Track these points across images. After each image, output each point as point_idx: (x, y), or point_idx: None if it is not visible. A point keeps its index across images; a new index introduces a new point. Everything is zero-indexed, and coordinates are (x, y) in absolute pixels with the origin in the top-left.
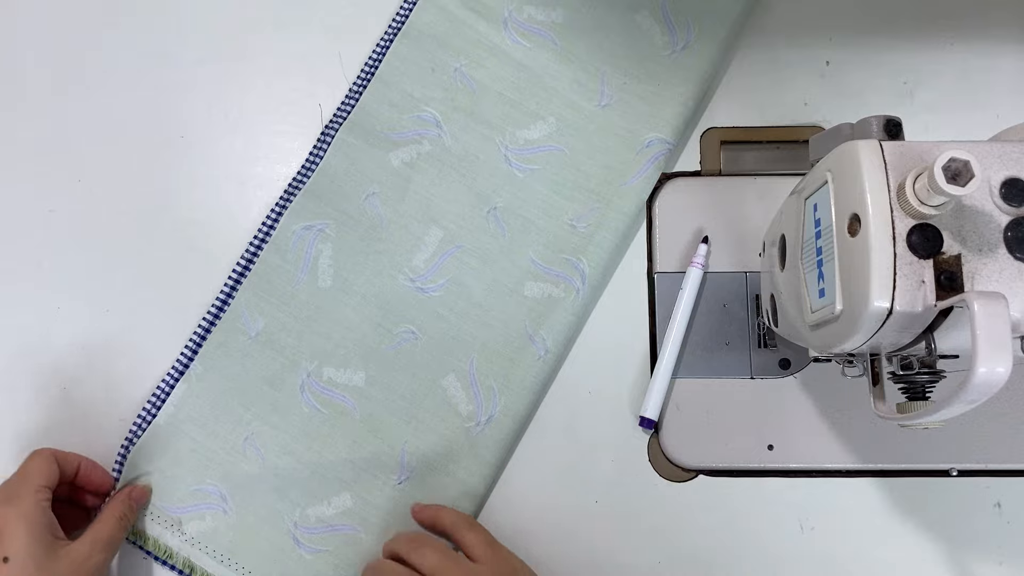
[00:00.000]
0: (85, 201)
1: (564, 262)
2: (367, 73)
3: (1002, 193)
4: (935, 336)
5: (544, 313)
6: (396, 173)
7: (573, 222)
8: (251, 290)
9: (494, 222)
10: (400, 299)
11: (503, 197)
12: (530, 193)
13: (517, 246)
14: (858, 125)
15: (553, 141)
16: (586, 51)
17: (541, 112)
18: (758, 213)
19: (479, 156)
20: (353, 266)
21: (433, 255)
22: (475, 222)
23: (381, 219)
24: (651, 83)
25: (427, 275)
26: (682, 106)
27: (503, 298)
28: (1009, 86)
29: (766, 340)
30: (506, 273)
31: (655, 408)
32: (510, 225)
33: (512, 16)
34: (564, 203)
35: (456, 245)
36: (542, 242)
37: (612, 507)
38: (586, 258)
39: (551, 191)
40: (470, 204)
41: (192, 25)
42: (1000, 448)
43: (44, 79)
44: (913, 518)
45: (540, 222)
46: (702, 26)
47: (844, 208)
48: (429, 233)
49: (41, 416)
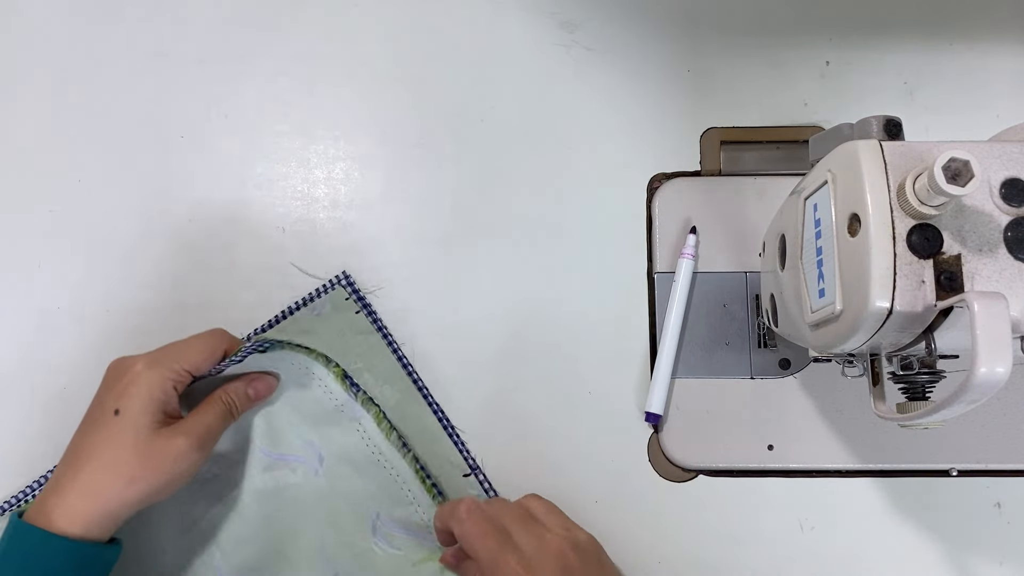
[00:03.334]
0: (85, 201)
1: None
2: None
3: (1002, 193)
4: (935, 336)
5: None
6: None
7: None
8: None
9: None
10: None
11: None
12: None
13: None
14: (858, 125)
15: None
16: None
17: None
18: (758, 213)
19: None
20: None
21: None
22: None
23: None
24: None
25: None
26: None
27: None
28: (1009, 86)
29: (766, 340)
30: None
31: (659, 403)
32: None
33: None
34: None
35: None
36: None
37: (612, 507)
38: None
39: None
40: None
41: (192, 25)
42: (1000, 448)
43: (44, 79)
44: (913, 518)
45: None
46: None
47: (844, 208)
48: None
49: (41, 416)
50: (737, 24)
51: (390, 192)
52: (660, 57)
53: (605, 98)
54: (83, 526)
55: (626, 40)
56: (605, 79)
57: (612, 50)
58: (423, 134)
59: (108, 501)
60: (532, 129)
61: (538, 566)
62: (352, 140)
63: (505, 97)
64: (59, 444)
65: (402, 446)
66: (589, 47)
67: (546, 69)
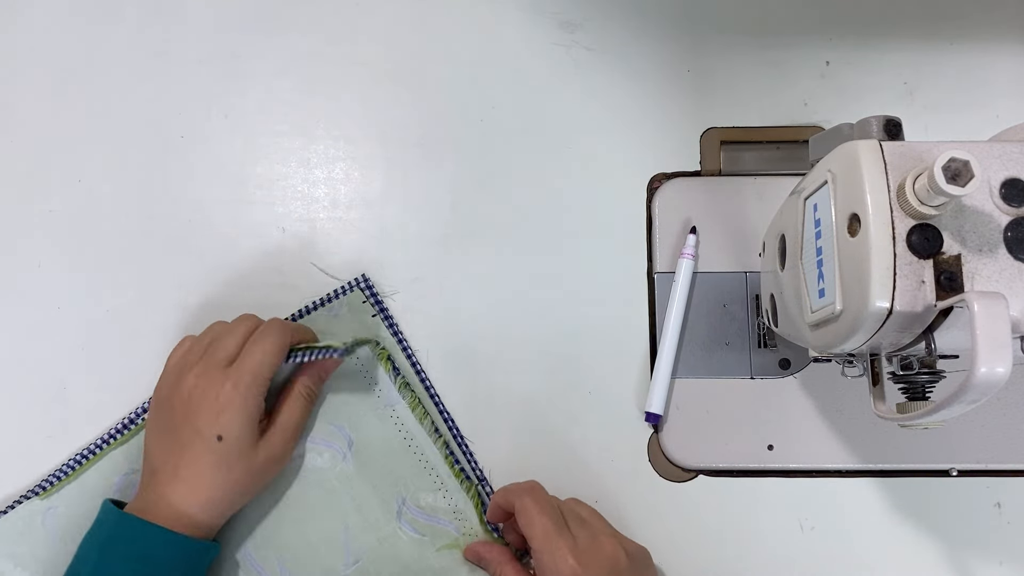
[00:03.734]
0: (85, 201)
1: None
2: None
3: (1002, 193)
4: (935, 336)
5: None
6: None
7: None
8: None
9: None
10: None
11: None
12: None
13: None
14: (858, 125)
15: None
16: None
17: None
18: (758, 213)
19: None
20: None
21: None
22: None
23: None
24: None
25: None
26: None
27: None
28: (1009, 86)
29: (766, 340)
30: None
31: (659, 403)
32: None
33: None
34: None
35: None
36: None
37: (612, 507)
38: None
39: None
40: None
41: (192, 25)
42: (1000, 448)
43: (44, 79)
44: (913, 518)
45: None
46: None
47: (844, 208)
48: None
49: (41, 416)
50: (737, 24)
51: (390, 192)
52: (660, 57)
53: (605, 98)
54: (193, 528)
55: (626, 40)
56: (605, 79)
57: (612, 50)
58: (423, 134)
59: (223, 513)
60: (532, 129)
61: (590, 561)
62: (352, 140)
63: (505, 97)
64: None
65: (434, 431)
66: (589, 47)
67: (546, 69)
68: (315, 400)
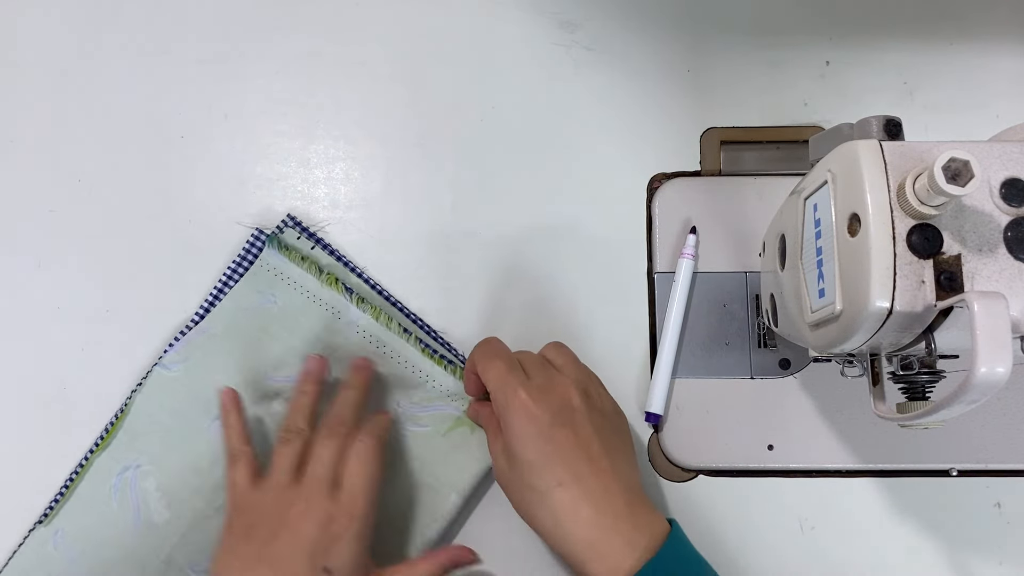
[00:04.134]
0: (85, 201)
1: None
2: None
3: (1002, 193)
4: (935, 336)
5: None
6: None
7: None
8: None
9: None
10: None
11: None
12: None
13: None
14: (858, 125)
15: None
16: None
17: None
18: (758, 213)
19: None
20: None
21: None
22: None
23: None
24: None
25: None
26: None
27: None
28: (1009, 86)
29: (766, 340)
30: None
31: (659, 403)
32: None
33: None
34: None
35: None
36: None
37: None
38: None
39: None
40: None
41: (192, 25)
42: (1000, 448)
43: (44, 79)
44: (913, 518)
45: None
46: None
47: (844, 208)
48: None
49: (40, 416)
50: (737, 24)
51: (390, 192)
52: (660, 57)
53: (605, 98)
54: None
55: (626, 40)
56: (605, 79)
57: (612, 50)
58: (423, 134)
59: None
60: (532, 129)
61: (540, 397)
62: (352, 140)
63: (505, 97)
64: (58, 444)
65: (403, 331)
66: (589, 47)
67: (546, 69)
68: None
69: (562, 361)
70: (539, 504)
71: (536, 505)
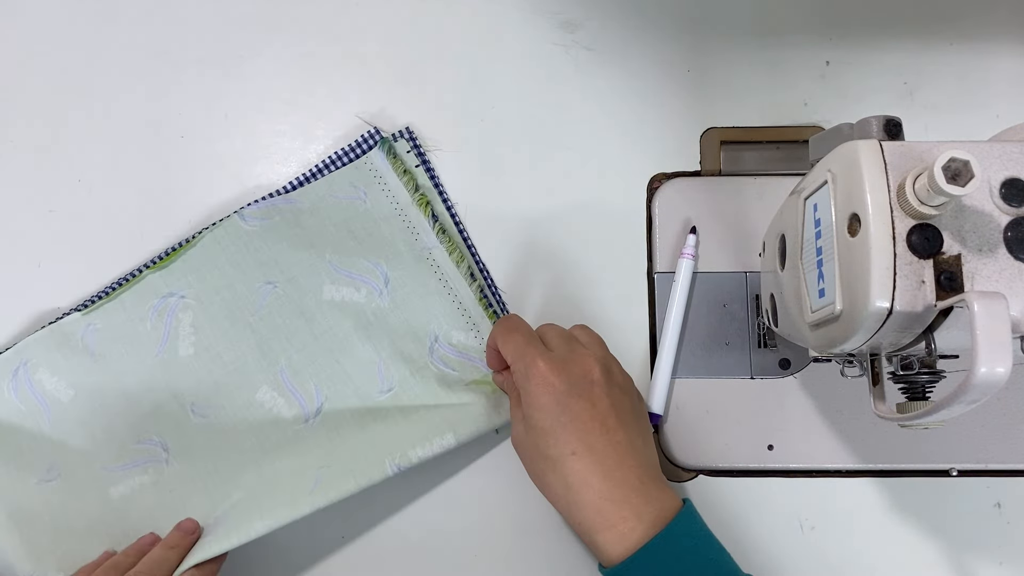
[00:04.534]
0: (85, 201)
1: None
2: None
3: (1002, 193)
4: (935, 336)
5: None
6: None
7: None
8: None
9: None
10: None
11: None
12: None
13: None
14: (858, 125)
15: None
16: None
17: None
18: (758, 213)
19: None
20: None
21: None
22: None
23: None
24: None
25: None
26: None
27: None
28: (1009, 86)
29: (766, 340)
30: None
31: (660, 403)
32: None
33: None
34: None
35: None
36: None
37: None
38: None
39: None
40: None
41: (192, 25)
42: (1000, 448)
43: (44, 79)
44: (913, 518)
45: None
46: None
47: (844, 208)
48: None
49: None
50: (737, 24)
51: None
52: (660, 57)
53: (605, 98)
54: None
55: (626, 40)
56: (605, 79)
57: (612, 50)
58: (423, 135)
59: None
60: (532, 129)
61: (561, 369)
62: (352, 140)
63: (505, 97)
64: None
65: (469, 276)
66: (589, 47)
67: (546, 69)
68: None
69: (588, 339)
70: (552, 472)
71: (549, 473)
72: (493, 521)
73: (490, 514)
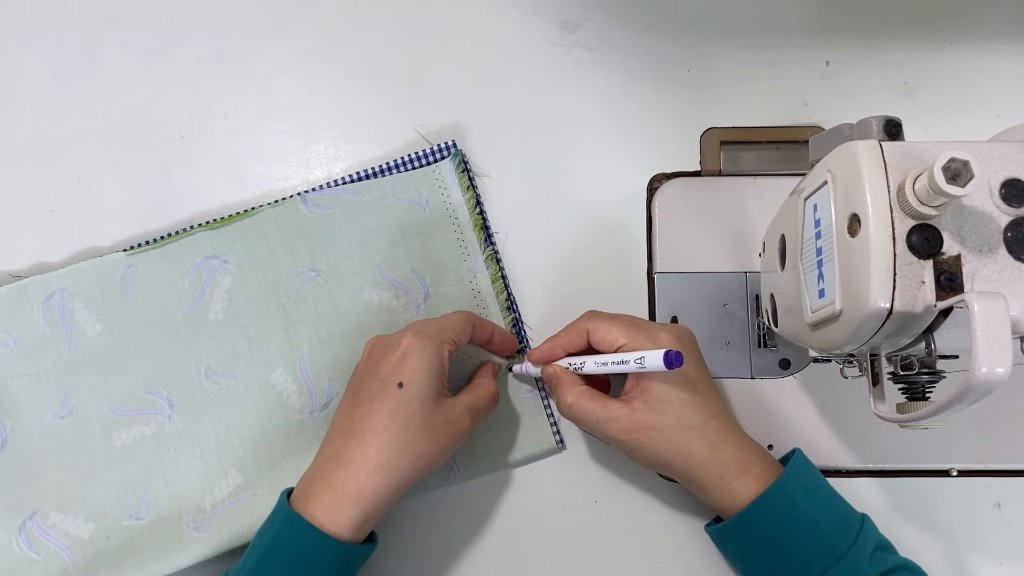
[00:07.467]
0: (85, 201)
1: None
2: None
3: (1002, 193)
4: (935, 336)
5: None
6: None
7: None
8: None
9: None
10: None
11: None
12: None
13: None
14: (858, 125)
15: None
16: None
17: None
18: (758, 213)
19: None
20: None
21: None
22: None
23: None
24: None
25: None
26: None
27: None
28: (1009, 86)
29: (766, 340)
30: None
31: None
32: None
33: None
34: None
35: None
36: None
37: (612, 506)
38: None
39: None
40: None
41: (192, 25)
42: (1000, 448)
43: (44, 79)
44: (913, 518)
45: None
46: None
47: (844, 208)
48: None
49: None
50: (737, 24)
51: None
52: (660, 57)
53: (605, 98)
54: (360, 504)
55: (626, 40)
56: (605, 79)
57: (612, 50)
58: (423, 134)
59: (397, 478)
60: (532, 129)
61: (675, 332)
62: (352, 140)
63: (505, 97)
64: None
65: (507, 308)
66: (589, 47)
67: (546, 69)
68: (497, 400)
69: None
70: (698, 438)
71: (695, 441)
72: (494, 520)
73: (491, 513)
